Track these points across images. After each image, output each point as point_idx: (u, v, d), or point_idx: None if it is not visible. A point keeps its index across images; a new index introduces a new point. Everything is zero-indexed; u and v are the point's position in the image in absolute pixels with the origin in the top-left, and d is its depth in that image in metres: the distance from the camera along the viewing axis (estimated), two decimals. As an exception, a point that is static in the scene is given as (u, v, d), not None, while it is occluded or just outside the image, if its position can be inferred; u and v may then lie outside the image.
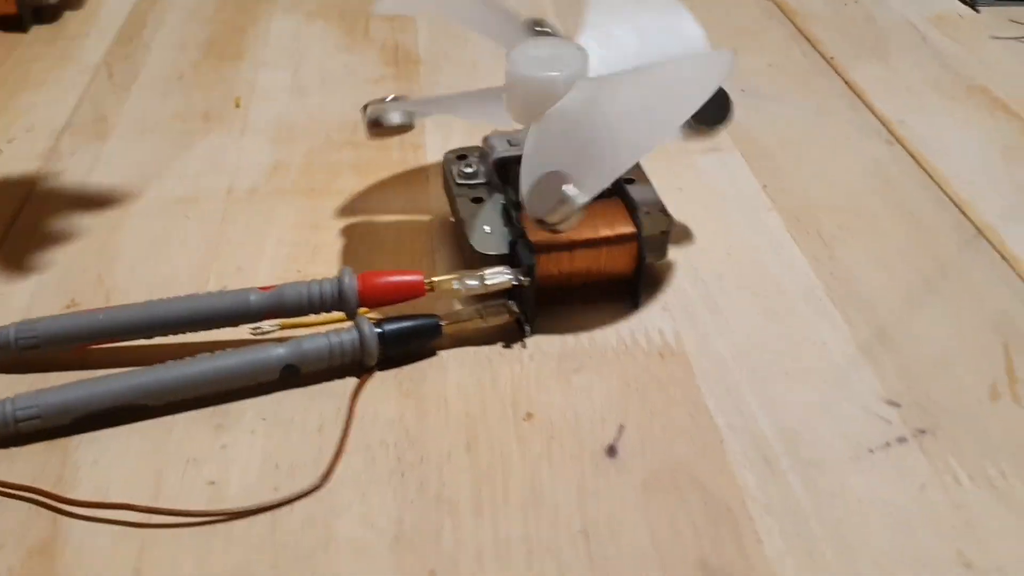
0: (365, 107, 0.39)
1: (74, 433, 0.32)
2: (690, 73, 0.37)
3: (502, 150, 0.41)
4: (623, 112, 0.36)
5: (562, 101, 0.37)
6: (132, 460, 0.32)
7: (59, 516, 0.30)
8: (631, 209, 0.38)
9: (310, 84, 0.55)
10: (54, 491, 0.30)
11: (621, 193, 0.39)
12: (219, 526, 0.30)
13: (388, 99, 0.40)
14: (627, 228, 0.37)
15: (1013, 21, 0.64)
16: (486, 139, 0.42)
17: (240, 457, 0.32)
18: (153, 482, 0.31)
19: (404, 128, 0.39)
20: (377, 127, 0.39)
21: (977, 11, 0.65)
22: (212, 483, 0.31)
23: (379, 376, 0.35)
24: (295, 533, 0.29)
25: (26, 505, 0.30)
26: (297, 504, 0.30)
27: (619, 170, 0.34)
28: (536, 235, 0.36)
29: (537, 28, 0.41)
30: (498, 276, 0.36)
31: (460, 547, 0.29)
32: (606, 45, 0.39)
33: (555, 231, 0.34)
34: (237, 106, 0.52)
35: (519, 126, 0.38)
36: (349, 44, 0.60)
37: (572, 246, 0.37)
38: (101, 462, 0.32)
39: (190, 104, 0.53)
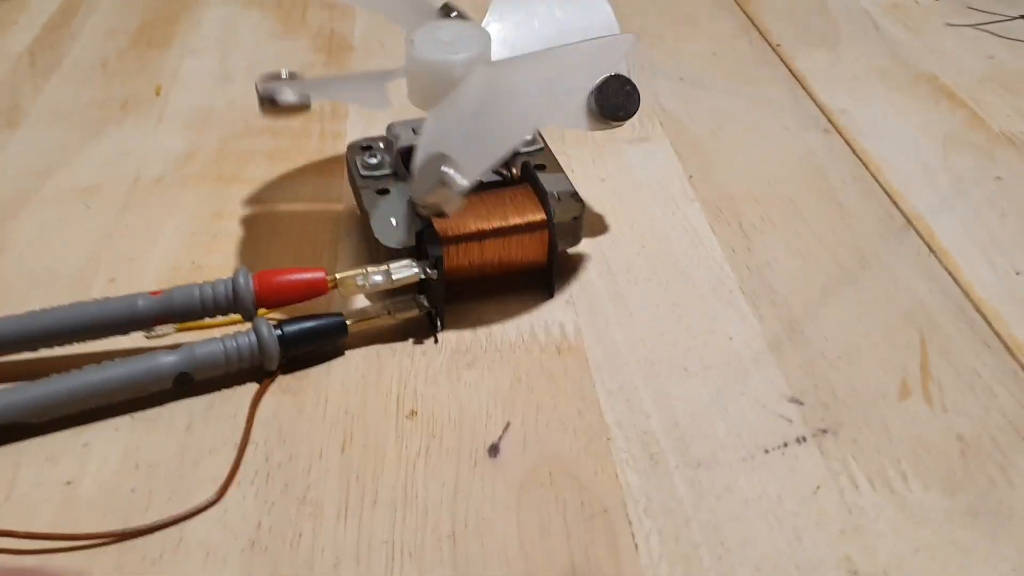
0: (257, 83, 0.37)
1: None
2: (586, 57, 0.35)
3: (406, 139, 0.39)
4: (515, 95, 0.34)
5: (460, 87, 0.35)
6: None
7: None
8: (541, 196, 0.36)
9: (236, 71, 0.54)
10: None
11: (532, 181, 0.37)
12: (68, 522, 0.28)
13: (283, 75, 0.38)
14: (538, 215, 0.36)
15: (971, 8, 0.62)
16: (390, 128, 0.40)
17: (99, 455, 0.30)
18: (9, 477, 0.29)
19: (300, 108, 0.37)
20: (272, 105, 0.37)
21: (934, -1, 0.64)
22: (68, 483, 0.29)
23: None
24: (146, 534, 0.28)
25: None
26: (152, 504, 0.29)
27: (502, 151, 0.33)
28: (442, 226, 0.35)
29: (449, 13, 0.40)
30: (404, 270, 0.35)
31: (318, 552, 0.28)
32: (511, 28, 0.38)
33: (440, 215, 0.33)
34: (157, 94, 0.51)
35: (419, 111, 0.37)
36: (284, 31, 0.58)
37: (482, 236, 0.36)
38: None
39: (109, 92, 0.51)
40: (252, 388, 0.33)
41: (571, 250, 0.38)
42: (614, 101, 0.36)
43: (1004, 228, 0.41)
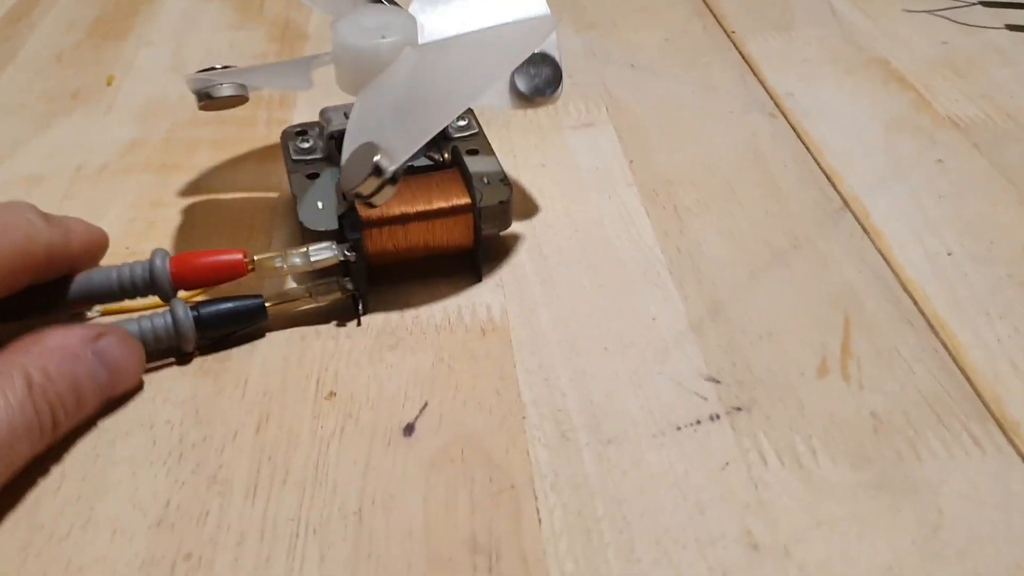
0: (188, 80, 0.38)
1: None
2: (511, 38, 0.35)
3: (338, 123, 0.40)
4: (442, 77, 0.35)
5: (386, 71, 0.35)
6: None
7: None
8: (468, 180, 0.37)
9: (191, 62, 0.54)
10: None
11: (460, 165, 0.38)
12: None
13: (218, 68, 0.38)
14: (462, 199, 0.36)
15: (930, -7, 0.62)
16: (323, 112, 0.41)
17: None
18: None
19: (238, 99, 0.37)
20: (208, 99, 0.37)
21: (895, -16, 0.64)
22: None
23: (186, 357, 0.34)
24: (55, 513, 0.28)
25: None
26: (64, 484, 0.29)
27: (428, 134, 0.33)
28: (365, 209, 0.35)
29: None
30: (323, 252, 0.35)
31: (223, 530, 0.28)
32: (438, 13, 0.38)
33: (370, 205, 0.33)
34: (109, 84, 0.51)
35: (348, 97, 0.37)
36: (240, 22, 0.59)
37: (405, 219, 0.36)
38: None
39: (61, 84, 0.52)
40: (174, 371, 0.33)
41: (504, 234, 0.38)
42: (536, 80, 0.36)
43: (940, 210, 0.41)
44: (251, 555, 0.27)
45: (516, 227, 0.40)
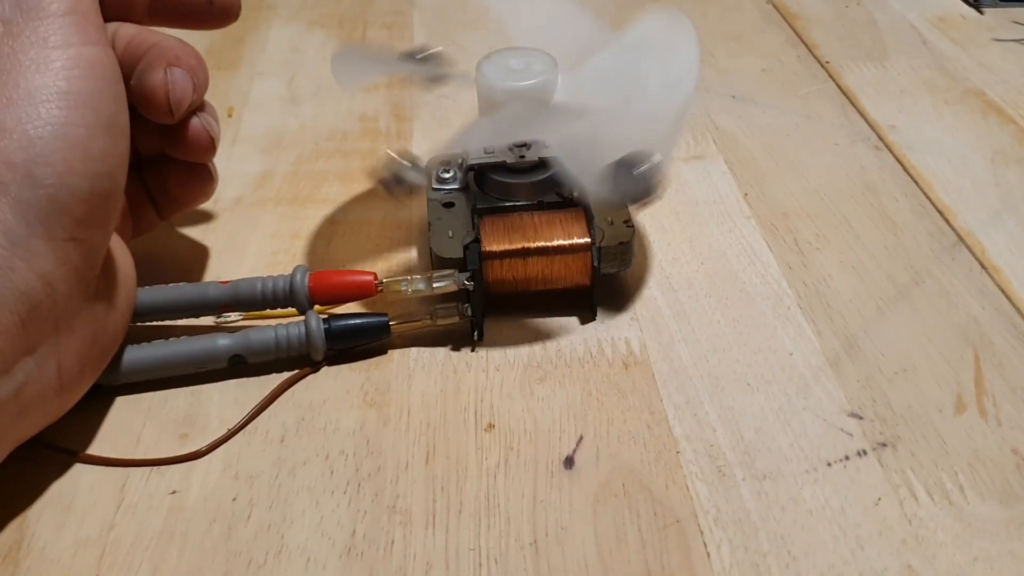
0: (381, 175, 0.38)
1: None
2: (623, 129, 0.35)
3: (476, 157, 0.41)
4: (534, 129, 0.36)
5: (498, 111, 0.37)
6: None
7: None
8: (590, 220, 0.38)
9: (304, 93, 0.56)
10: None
11: (585, 203, 0.39)
12: (176, 530, 0.30)
13: (404, 162, 0.38)
14: (582, 238, 0.38)
15: (1016, 23, 0.63)
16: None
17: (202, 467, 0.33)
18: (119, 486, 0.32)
19: (416, 188, 0.38)
20: (396, 185, 0.38)
21: (981, 12, 0.65)
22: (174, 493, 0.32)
23: (344, 385, 0.36)
24: (249, 541, 0.30)
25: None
26: (254, 513, 0.31)
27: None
28: (489, 241, 0.37)
29: (417, 56, 0.41)
30: (444, 280, 0.37)
31: (409, 558, 0.30)
32: (593, 75, 0.39)
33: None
34: (229, 116, 0.53)
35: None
36: (345, 52, 0.60)
37: (525, 253, 0.37)
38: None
39: (185, 114, 0.53)
40: (340, 403, 0.35)
41: (633, 267, 0.40)
42: (627, 185, 0.34)
43: (1054, 244, 0.42)
44: (440, 584, 0.29)
45: (643, 260, 0.41)
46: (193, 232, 0.44)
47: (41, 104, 0.28)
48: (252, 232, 0.44)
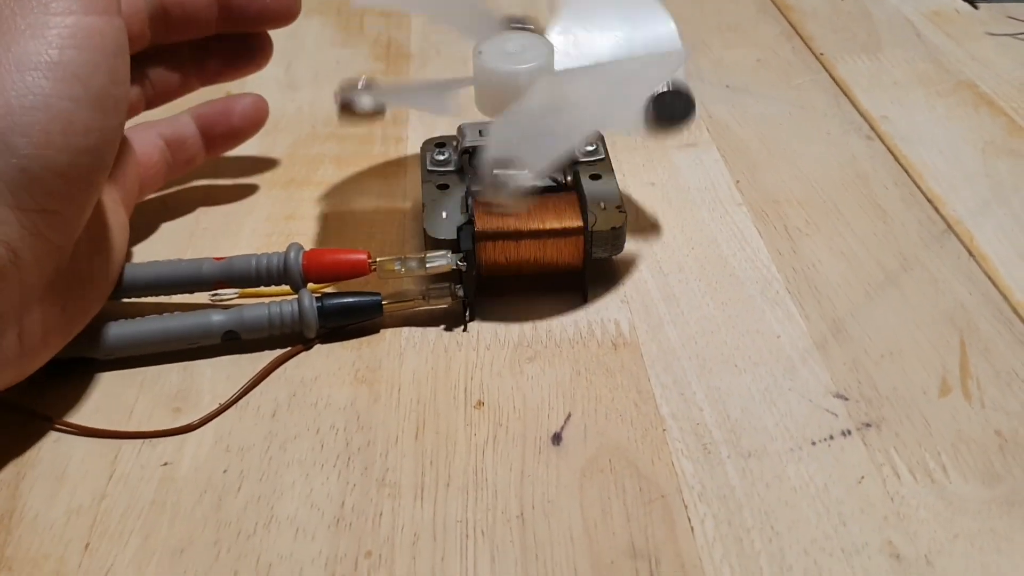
0: (336, 91, 0.39)
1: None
2: (642, 68, 0.37)
3: (471, 138, 0.42)
4: (577, 103, 0.37)
5: (525, 96, 0.37)
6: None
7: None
8: (583, 204, 0.39)
9: (302, 79, 0.56)
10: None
11: (578, 188, 0.40)
12: (167, 500, 0.31)
13: (360, 82, 0.40)
14: (574, 222, 0.38)
15: (1011, 18, 0.63)
16: (460, 128, 0.43)
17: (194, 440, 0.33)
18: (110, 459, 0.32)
19: (375, 115, 0.39)
20: (349, 112, 0.39)
21: (976, 7, 0.65)
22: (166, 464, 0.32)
23: (336, 363, 0.36)
24: (239, 511, 0.31)
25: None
26: (244, 484, 0.31)
27: (561, 153, 0.35)
28: (482, 223, 0.37)
29: (514, 25, 0.42)
30: (438, 259, 0.37)
31: (398, 530, 0.30)
32: (574, 40, 0.40)
33: (507, 213, 0.36)
34: (227, 100, 0.53)
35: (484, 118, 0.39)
36: (344, 39, 0.61)
37: (518, 236, 0.38)
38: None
39: (184, 99, 0.54)
40: (331, 379, 0.35)
41: (625, 251, 0.40)
42: (671, 109, 0.37)
43: (1042, 233, 0.43)
44: (427, 554, 0.29)
45: (635, 244, 0.42)
46: (188, 213, 0.44)
47: (28, 72, 0.28)
48: (248, 213, 0.44)
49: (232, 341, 0.36)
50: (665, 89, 0.37)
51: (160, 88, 0.43)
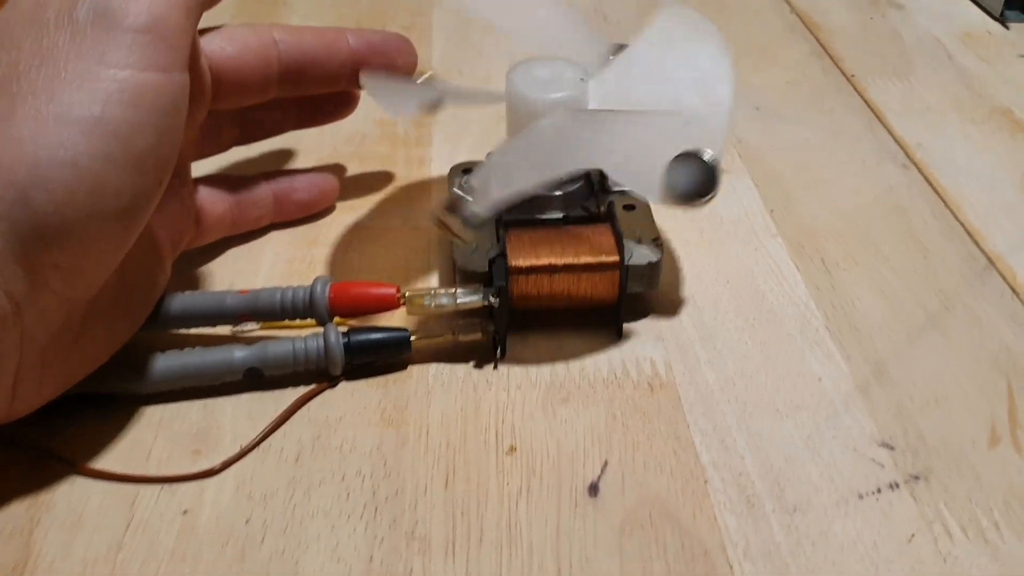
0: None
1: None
2: (673, 128, 0.35)
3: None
4: (590, 146, 0.34)
5: (534, 124, 0.36)
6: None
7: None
8: (618, 238, 0.37)
9: (320, 95, 0.55)
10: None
11: (612, 221, 0.38)
12: (188, 552, 0.29)
13: (421, 77, 0.39)
14: (611, 256, 0.37)
15: (1044, 39, 0.62)
16: (488, 154, 0.41)
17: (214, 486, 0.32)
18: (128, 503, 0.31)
19: (434, 108, 0.37)
20: (449, 219, 0.36)
21: (1007, 28, 0.64)
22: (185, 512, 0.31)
23: (362, 402, 0.35)
24: (263, 565, 0.29)
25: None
26: (267, 536, 0.30)
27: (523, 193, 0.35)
28: (515, 256, 0.36)
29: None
30: (470, 295, 0.36)
31: (429, 586, 0.29)
32: (621, 79, 0.38)
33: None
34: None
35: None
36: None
37: (552, 270, 0.36)
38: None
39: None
40: (357, 420, 0.34)
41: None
42: (688, 180, 0.32)
43: (1087, 270, 0.42)
44: (461, 616, 0.28)
45: (667, 276, 0.40)
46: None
47: (65, 126, 0.26)
48: (269, 238, 0.43)
49: (255, 378, 0.34)
50: (685, 156, 0.32)
51: (252, 128, 0.42)
